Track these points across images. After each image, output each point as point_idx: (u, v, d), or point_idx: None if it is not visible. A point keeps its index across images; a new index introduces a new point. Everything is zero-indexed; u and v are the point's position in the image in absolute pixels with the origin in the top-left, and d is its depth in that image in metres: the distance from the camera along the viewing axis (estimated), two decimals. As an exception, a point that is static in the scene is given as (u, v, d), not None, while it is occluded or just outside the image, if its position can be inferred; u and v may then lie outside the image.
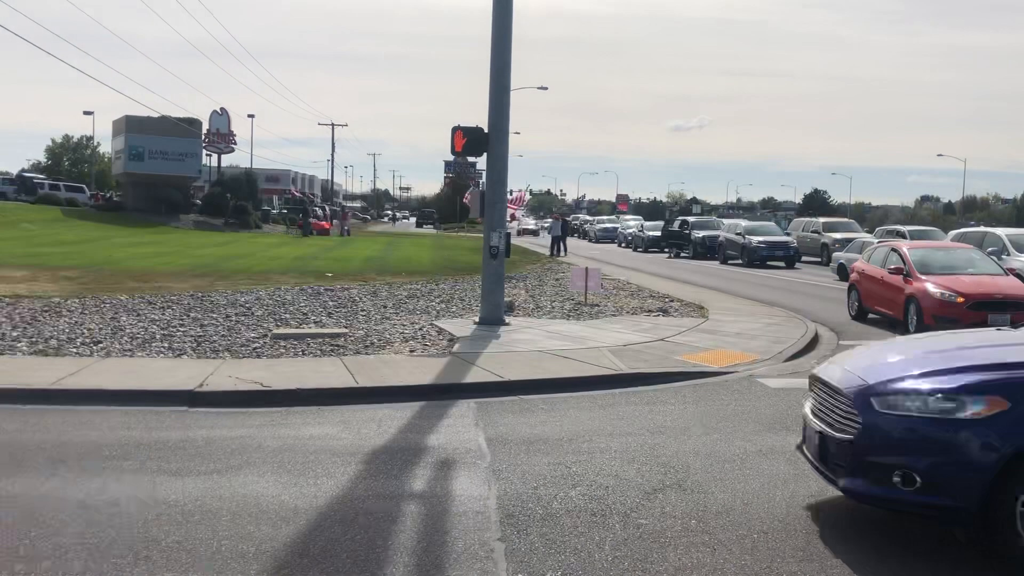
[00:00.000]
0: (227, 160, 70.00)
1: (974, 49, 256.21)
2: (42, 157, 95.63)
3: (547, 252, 38.41)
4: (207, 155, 63.75)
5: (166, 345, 11.58)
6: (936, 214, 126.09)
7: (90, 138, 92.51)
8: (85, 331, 12.38)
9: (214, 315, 14.36)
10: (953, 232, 25.13)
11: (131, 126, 51.95)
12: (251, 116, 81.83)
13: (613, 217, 77.76)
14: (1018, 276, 16.78)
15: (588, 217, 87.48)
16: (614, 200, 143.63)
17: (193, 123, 55.65)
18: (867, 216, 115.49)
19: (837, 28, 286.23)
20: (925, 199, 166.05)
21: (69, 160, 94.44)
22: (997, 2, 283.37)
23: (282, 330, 12.99)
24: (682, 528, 5.45)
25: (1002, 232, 21.26)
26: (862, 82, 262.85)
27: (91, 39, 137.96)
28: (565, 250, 39.52)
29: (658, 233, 46.08)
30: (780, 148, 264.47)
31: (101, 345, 11.43)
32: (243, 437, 7.56)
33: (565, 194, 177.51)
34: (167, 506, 5.69)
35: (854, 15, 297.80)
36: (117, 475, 6.39)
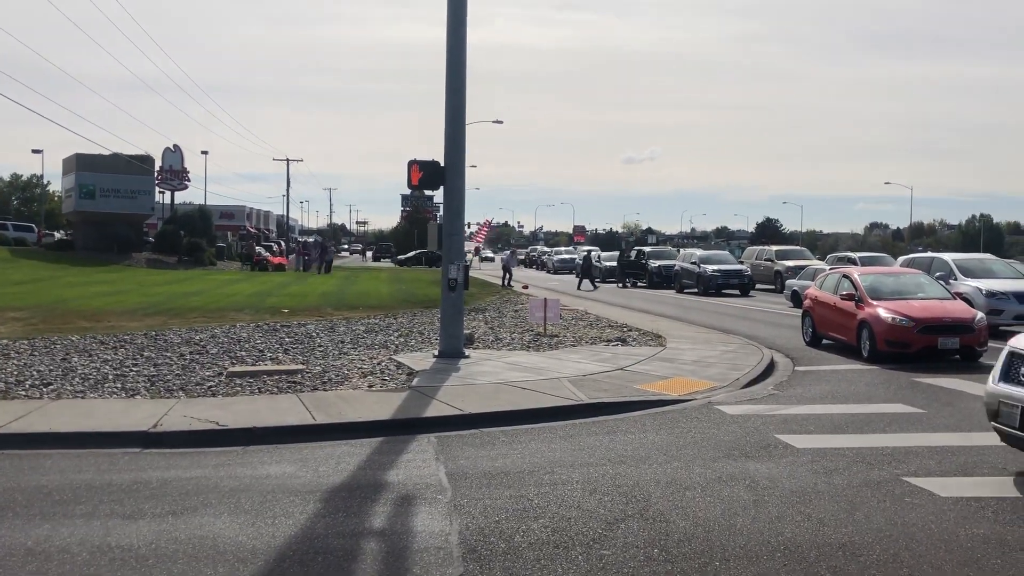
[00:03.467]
0: (180, 197, 69.26)
1: (914, 80, 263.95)
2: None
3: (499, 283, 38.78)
4: (160, 192, 63.02)
5: (119, 385, 11.36)
6: (885, 240, 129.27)
7: (40, 177, 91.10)
8: (35, 372, 12.10)
9: (168, 354, 14.13)
10: (902, 258, 25.67)
11: (82, 164, 51.11)
12: (205, 152, 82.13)
13: (571, 248, 78.93)
14: (965, 300, 17.21)
15: (546, 248, 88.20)
16: (571, 231, 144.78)
17: (146, 160, 54.94)
18: (818, 243, 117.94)
19: (781, 61, 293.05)
20: (874, 226, 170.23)
21: (18, 199, 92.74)
22: (936, 36, 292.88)
23: (238, 368, 12.82)
24: (645, 558, 5.45)
25: (949, 257, 21.78)
26: (808, 113, 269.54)
27: (38, 75, 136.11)
28: (594, 285, 38.95)
29: (615, 263, 46.40)
30: (732, 178, 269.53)
31: (51, 387, 11.18)
32: (199, 478, 7.42)
33: (523, 226, 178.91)
34: (121, 551, 5.56)
35: (796, 47, 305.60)
36: (68, 520, 6.22)
